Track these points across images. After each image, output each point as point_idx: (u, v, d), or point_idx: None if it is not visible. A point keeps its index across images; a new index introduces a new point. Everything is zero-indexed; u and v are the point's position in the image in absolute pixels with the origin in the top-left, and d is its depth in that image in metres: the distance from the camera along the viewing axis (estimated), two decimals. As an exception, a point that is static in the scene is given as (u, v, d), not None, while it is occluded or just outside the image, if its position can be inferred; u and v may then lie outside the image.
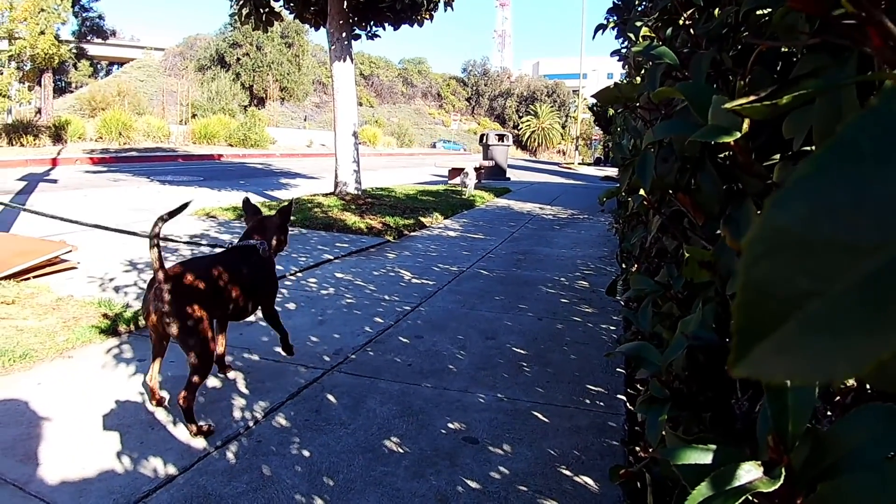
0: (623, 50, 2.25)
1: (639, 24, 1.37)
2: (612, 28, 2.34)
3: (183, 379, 1.84)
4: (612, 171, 13.83)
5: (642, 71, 1.47)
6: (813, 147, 0.55)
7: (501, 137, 13.63)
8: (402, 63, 47.25)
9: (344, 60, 7.12)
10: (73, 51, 20.30)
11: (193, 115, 23.20)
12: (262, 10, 7.20)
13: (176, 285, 1.80)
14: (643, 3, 1.90)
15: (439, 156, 25.39)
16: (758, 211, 0.63)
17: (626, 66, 2.33)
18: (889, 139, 0.17)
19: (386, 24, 7.76)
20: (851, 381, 0.55)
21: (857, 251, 0.16)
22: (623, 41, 2.39)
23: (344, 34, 7.09)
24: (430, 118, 44.90)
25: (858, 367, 0.16)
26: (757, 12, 0.73)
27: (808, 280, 0.17)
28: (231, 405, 2.00)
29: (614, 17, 2.33)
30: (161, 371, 1.96)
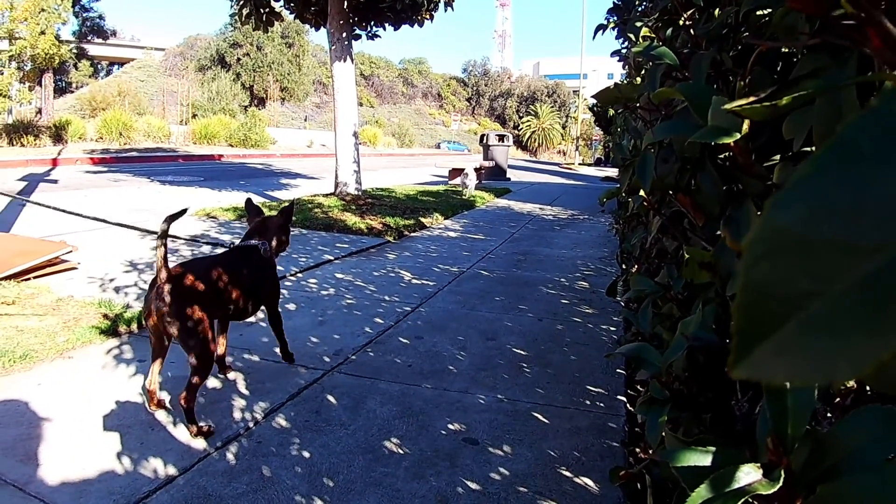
0: (623, 50, 2.25)
1: (639, 25, 1.37)
2: (613, 28, 2.34)
3: (183, 380, 1.84)
4: (612, 172, 13.83)
5: (642, 71, 1.47)
6: (813, 148, 0.54)
7: (502, 138, 13.64)
8: (403, 63, 47.29)
9: (344, 60, 7.12)
10: (74, 51, 20.31)
11: (194, 116, 23.21)
12: (262, 11, 7.20)
13: (178, 285, 1.81)
14: (643, 4, 1.90)
15: (439, 156, 25.41)
16: (758, 212, 0.63)
17: (626, 67, 2.33)
18: (889, 139, 0.17)
19: (386, 25, 7.76)
20: (851, 382, 0.55)
21: (857, 251, 0.16)
22: (623, 41, 2.39)
23: (344, 34, 7.09)
24: (431, 118, 44.91)
25: (858, 368, 0.16)
26: (757, 13, 0.73)
27: (808, 281, 0.17)
28: (231, 406, 2.00)
29: (614, 17, 2.34)
30: (161, 373, 1.96)
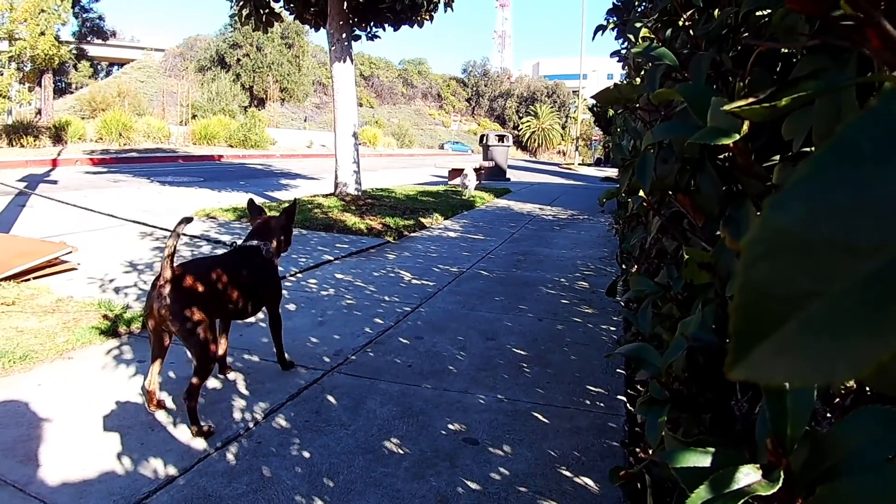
0: (623, 51, 2.25)
1: (638, 25, 1.37)
2: (612, 29, 2.34)
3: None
4: (612, 172, 13.82)
5: (642, 72, 1.47)
6: (813, 148, 0.54)
7: (501, 138, 13.64)
8: (403, 64, 47.26)
9: (344, 61, 7.12)
10: (74, 52, 20.30)
11: (194, 116, 23.20)
12: (262, 11, 7.20)
13: (181, 284, 1.82)
14: (643, 4, 1.90)
15: (439, 156, 25.40)
16: (757, 212, 0.63)
17: (625, 67, 2.33)
18: (889, 140, 0.17)
19: (386, 25, 7.76)
20: (851, 382, 0.55)
21: (856, 252, 0.16)
22: (623, 42, 2.39)
23: (344, 35, 7.10)
24: (431, 119, 44.90)
25: (858, 368, 0.16)
26: (756, 13, 0.73)
27: (807, 281, 0.17)
28: (231, 406, 2.00)
29: (614, 18, 2.34)
30: (160, 374, 1.95)
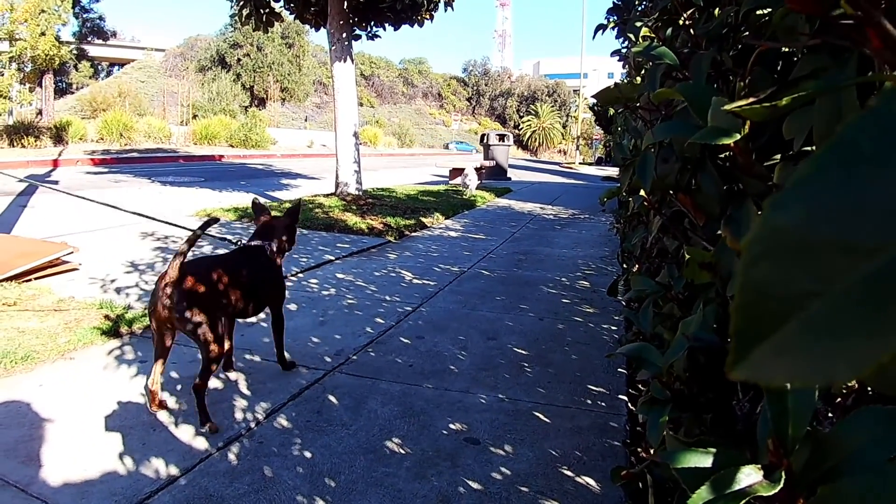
0: (623, 50, 2.25)
1: (639, 25, 1.37)
2: (613, 28, 2.34)
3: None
4: (612, 171, 13.82)
5: (642, 71, 1.47)
6: (813, 147, 0.54)
7: (502, 137, 13.63)
8: (403, 63, 47.24)
9: (344, 61, 7.12)
10: (74, 52, 20.31)
11: (194, 116, 23.21)
12: (262, 11, 7.20)
13: (188, 282, 1.85)
14: (643, 4, 1.90)
15: (440, 156, 25.40)
16: (758, 212, 0.63)
17: (626, 66, 2.33)
18: (889, 140, 0.17)
19: (386, 25, 7.76)
20: (852, 382, 0.54)
21: (857, 252, 0.16)
22: (623, 41, 2.39)
23: (344, 34, 7.09)
24: (431, 118, 44.88)
25: (858, 368, 0.16)
26: (757, 12, 0.73)
27: (807, 281, 0.17)
28: (233, 406, 2.00)
29: (614, 17, 2.34)
30: (163, 374, 1.96)
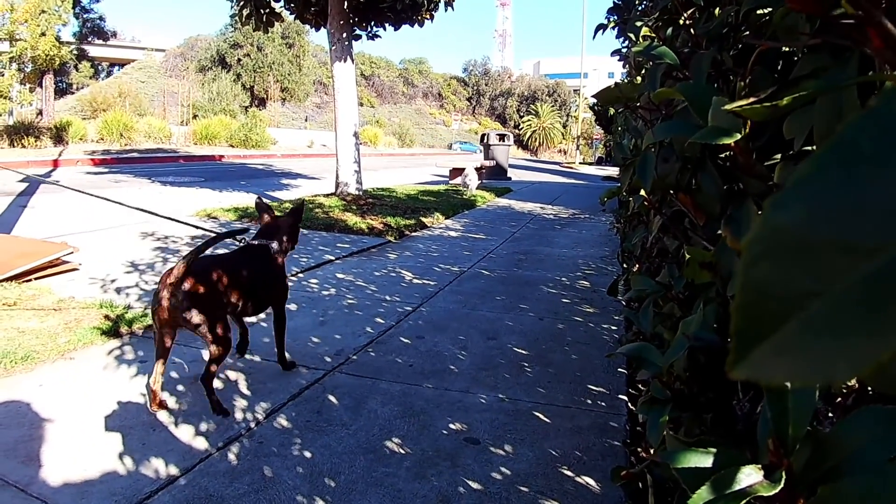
0: (624, 50, 2.25)
1: (639, 24, 1.37)
2: (613, 28, 2.34)
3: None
4: (613, 171, 13.81)
5: (643, 71, 1.47)
6: (814, 147, 0.54)
7: (502, 137, 13.63)
8: (403, 63, 47.21)
9: (345, 61, 7.12)
10: (74, 52, 20.31)
11: (194, 116, 23.20)
12: (262, 11, 7.20)
13: (194, 279, 1.86)
14: (643, 3, 1.90)
15: (440, 156, 25.40)
16: (759, 211, 0.63)
17: (626, 66, 2.33)
18: (889, 140, 0.17)
19: (386, 25, 7.76)
20: (853, 381, 0.54)
21: (857, 252, 0.16)
22: (624, 41, 2.39)
23: (344, 34, 7.09)
24: (431, 118, 44.86)
25: (858, 368, 0.16)
26: (757, 12, 0.73)
27: (807, 281, 0.17)
28: (233, 406, 2.00)
29: (615, 16, 2.34)
30: (164, 374, 1.96)
